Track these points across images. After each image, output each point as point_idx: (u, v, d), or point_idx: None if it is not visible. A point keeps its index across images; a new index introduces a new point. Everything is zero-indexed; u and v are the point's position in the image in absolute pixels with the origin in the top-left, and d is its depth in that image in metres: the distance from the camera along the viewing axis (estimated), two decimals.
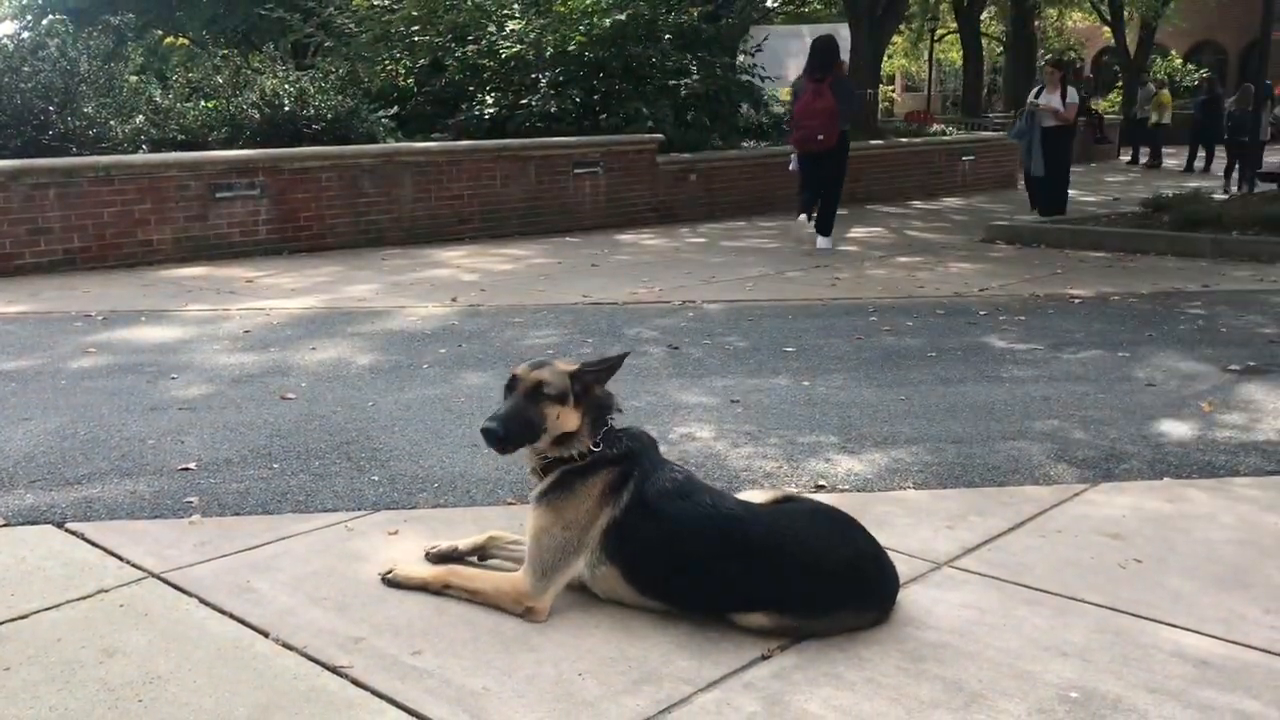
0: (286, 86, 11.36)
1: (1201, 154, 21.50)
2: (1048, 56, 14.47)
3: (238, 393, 5.07)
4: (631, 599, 2.75)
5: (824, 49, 9.88)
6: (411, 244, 10.58)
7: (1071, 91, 12.32)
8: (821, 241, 10.20)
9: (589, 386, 2.82)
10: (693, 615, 2.72)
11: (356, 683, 2.44)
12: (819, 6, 28.95)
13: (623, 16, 13.22)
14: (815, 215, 10.26)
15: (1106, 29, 33.90)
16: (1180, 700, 2.38)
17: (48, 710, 2.33)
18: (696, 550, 2.67)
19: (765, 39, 17.36)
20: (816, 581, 2.64)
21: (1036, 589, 2.94)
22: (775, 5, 27.99)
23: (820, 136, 9.73)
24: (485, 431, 2.72)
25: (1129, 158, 24.28)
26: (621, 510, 2.74)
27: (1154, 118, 23.26)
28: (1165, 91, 24.26)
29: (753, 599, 2.65)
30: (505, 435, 2.71)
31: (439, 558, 3.05)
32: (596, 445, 2.79)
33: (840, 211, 11.85)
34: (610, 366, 2.87)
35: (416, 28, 13.83)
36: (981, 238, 11.25)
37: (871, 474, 3.93)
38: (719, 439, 4.35)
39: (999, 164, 18.46)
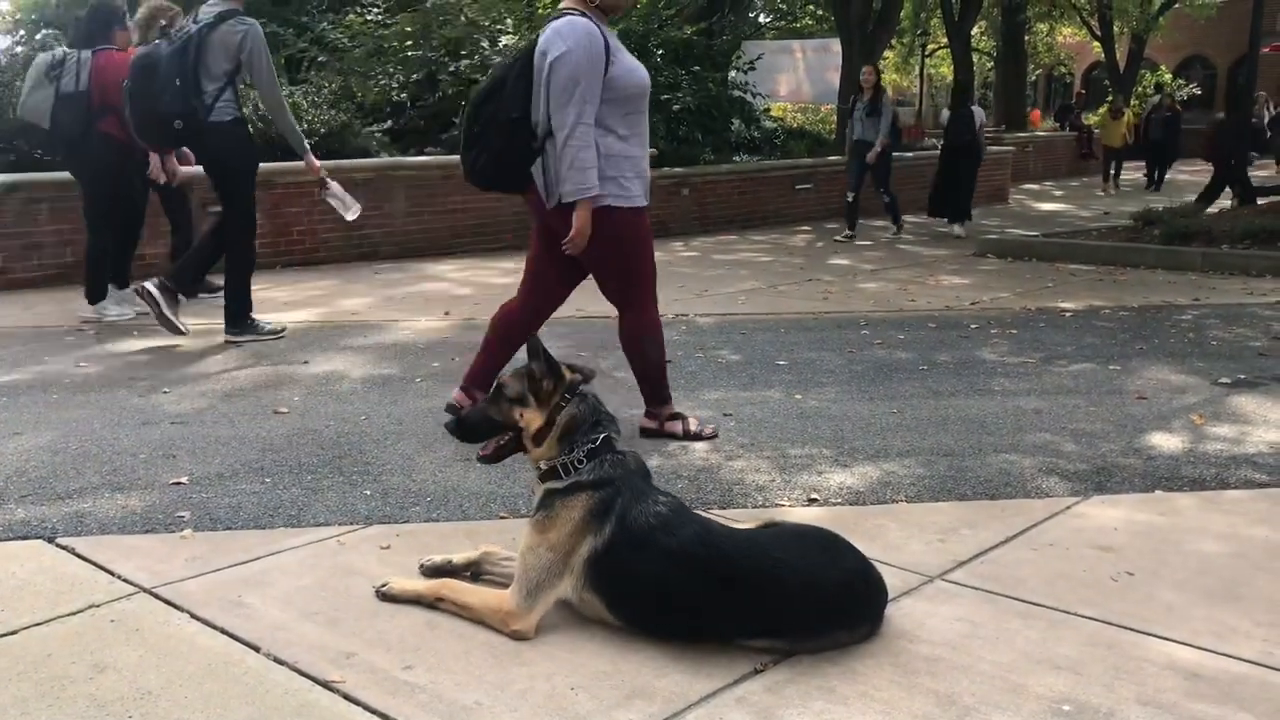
0: None
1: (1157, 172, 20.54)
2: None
3: (230, 407, 5.07)
4: (617, 625, 2.73)
5: None
6: (405, 258, 10.58)
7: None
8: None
9: (550, 390, 2.83)
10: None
11: (348, 698, 2.43)
12: (810, 22, 29.11)
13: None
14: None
15: (1096, 44, 34.11)
16: (1172, 713, 2.39)
17: None
18: (684, 586, 2.64)
19: (760, 57, 17.44)
20: (809, 608, 2.63)
21: (1029, 602, 2.95)
22: (767, 21, 28.13)
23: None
24: (446, 426, 3.00)
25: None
26: (604, 542, 2.68)
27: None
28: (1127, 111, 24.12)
29: (745, 630, 2.64)
30: (457, 426, 2.97)
31: (433, 571, 3.05)
32: (580, 463, 2.79)
33: (831, 225, 12.04)
34: (548, 366, 2.84)
35: (410, 43, 13.87)
36: (972, 251, 11.29)
37: (863, 487, 3.94)
38: (712, 452, 4.35)
39: (990, 178, 18.53)
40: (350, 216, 6.90)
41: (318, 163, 6.71)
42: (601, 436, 2.83)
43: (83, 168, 7.17)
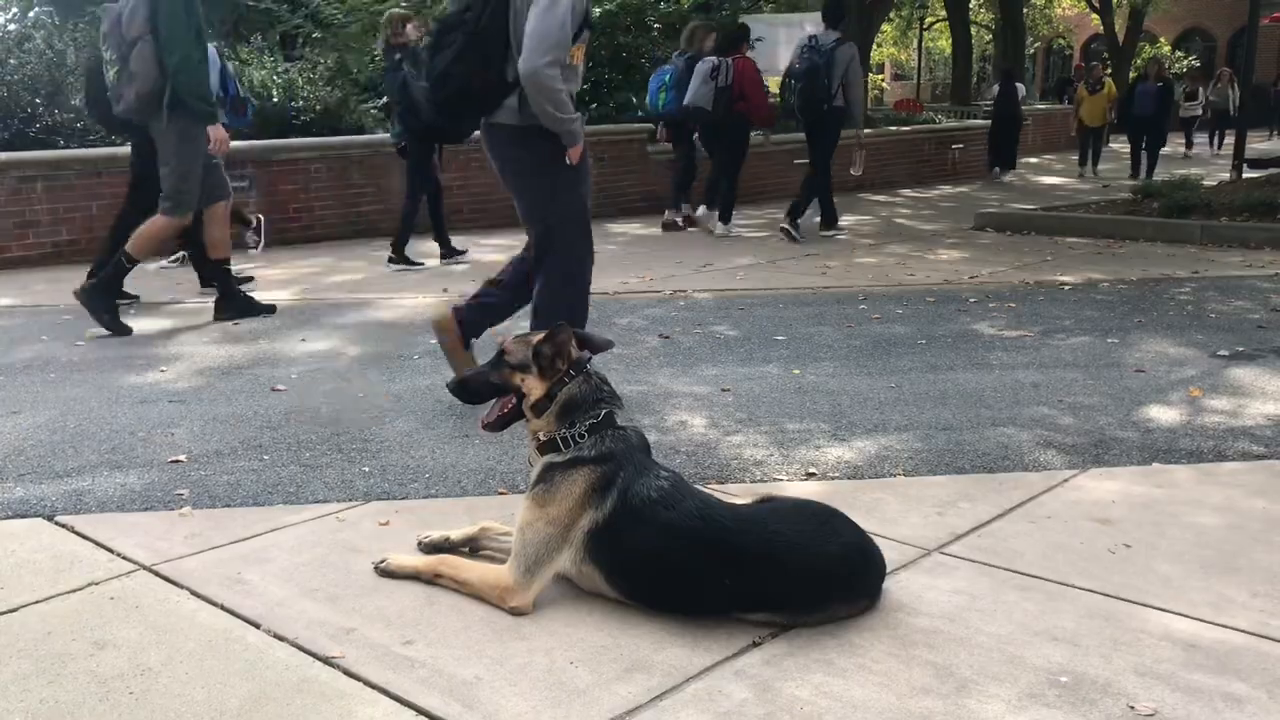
0: (275, 78, 11.32)
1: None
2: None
3: (227, 384, 5.06)
4: (616, 598, 2.74)
5: None
6: None
7: None
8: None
9: (551, 360, 2.81)
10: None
11: (348, 673, 2.44)
12: None
13: (613, 6, 13.19)
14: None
15: (1095, 16, 33.93)
16: (1169, 683, 2.40)
17: (38, 703, 2.32)
18: (683, 560, 2.64)
19: (759, 39, 17.33)
20: (807, 582, 2.64)
21: (1026, 574, 2.95)
22: None
23: None
24: (447, 385, 3.06)
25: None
26: (605, 515, 2.69)
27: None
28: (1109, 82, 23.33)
29: (743, 605, 2.65)
30: (458, 387, 3.00)
31: (431, 547, 3.05)
32: (581, 437, 2.78)
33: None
34: (559, 339, 2.81)
35: None
36: (971, 225, 11.26)
37: (861, 461, 3.94)
38: (710, 428, 4.36)
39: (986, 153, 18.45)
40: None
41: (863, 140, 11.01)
42: (604, 412, 2.82)
43: (721, 136, 10.60)
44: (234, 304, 6.67)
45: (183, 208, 6.21)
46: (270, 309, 6.79)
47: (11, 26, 15.74)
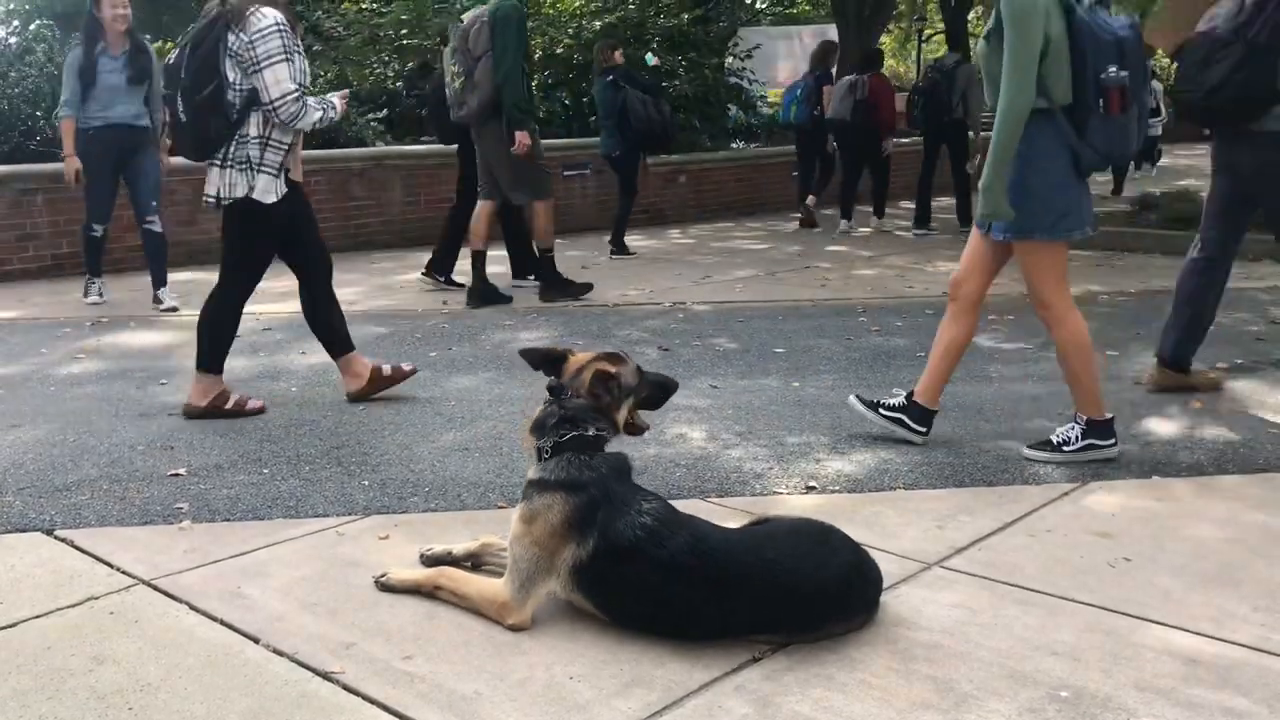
0: None
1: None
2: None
3: None
4: (611, 623, 2.73)
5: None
6: (401, 247, 10.57)
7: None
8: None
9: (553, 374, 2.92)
10: None
11: (348, 688, 2.44)
12: (807, 7, 29.01)
13: (612, 19, 13.23)
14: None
15: None
16: (1169, 699, 2.39)
17: (37, 719, 2.32)
18: (677, 595, 2.62)
19: (758, 46, 17.41)
20: (804, 605, 2.63)
21: (1027, 588, 2.95)
22: (764, 6, 28.04)
23: None
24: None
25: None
26: (588, 555, 2.65)
27: None
28: None
29: (740, 629, 2.64)
30: None
31: (433, 560, 3.05)
32: (545, 454, 2.79)
33: (826, 212, 12.24)
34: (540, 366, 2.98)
35: (405, 31, 13.82)
36: None
37: (861, 474, 3.94)
38: (710, 440, 4.35)
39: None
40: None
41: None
42: (570, 434, 2.78)
43: (854, 140, 11.63)
44: (556, 288, 7.70)
45: (540, 191, 7.44)
46: (588, 287, 7.80)
47: (12, 40, 15.76)
